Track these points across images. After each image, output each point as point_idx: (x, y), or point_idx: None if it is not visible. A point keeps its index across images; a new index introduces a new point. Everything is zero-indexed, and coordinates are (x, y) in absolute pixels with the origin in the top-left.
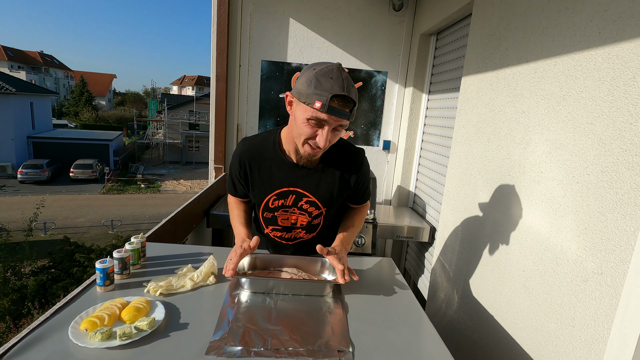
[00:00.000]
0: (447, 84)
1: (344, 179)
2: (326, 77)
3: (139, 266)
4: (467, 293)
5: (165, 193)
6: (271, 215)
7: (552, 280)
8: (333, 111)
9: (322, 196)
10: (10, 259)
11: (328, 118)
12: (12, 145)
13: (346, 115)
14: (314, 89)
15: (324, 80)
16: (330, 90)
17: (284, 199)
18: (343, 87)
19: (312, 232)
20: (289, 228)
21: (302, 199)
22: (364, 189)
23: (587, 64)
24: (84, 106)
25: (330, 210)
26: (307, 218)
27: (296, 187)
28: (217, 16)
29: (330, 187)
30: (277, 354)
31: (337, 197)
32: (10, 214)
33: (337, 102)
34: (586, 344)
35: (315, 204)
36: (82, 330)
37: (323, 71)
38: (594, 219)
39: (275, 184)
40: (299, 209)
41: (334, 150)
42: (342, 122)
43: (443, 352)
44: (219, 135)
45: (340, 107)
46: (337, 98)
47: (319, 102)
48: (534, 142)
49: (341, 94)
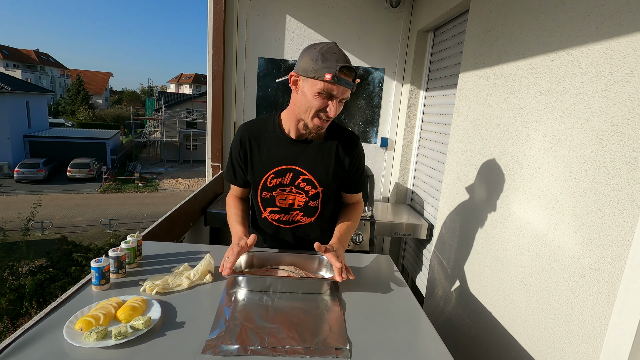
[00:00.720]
0: (444, 81)
1: (339, 157)
2: (330, 53)
3: (135, 265)
4: (464, 290)
5: (163, 192)
6: (269, 195)
7: (549, 276)
8: (341, 81)
9: (318, 174)
10: (8, 258)
11: (337, 88)
12: (9, 145)
13: (351, 85)
14: (322, 64)
15: (328, 56)
16: (336, 62)
17: (281, 177)
18: (345, 59)
19: (310, 216)
20: (286, 210)
21: (299, 177)
22: (358, 175)
23: (584, 59)
24: (80, 105)
25: (326, 192)
26: (304, 198)
27: (294, 164)
28: (214, 13)
29: (327, 164)
30: (274, 352)
31: (333, 177)
32: (7, 214)
33: (344, 73)
34: (584, 339)
35: (312, 182)
36: (77, 329)
37: (325, 48)
38: (591, 214)
39: (273, 161)
40: (296, 187)
41: (330, 130)
42: (347, 93)
43: (441, 349)
44: (216, 133)
45: (347, 77)
46: (344, 69)
47: (329, 74)
48: (532, 138)
49: (345, 65)
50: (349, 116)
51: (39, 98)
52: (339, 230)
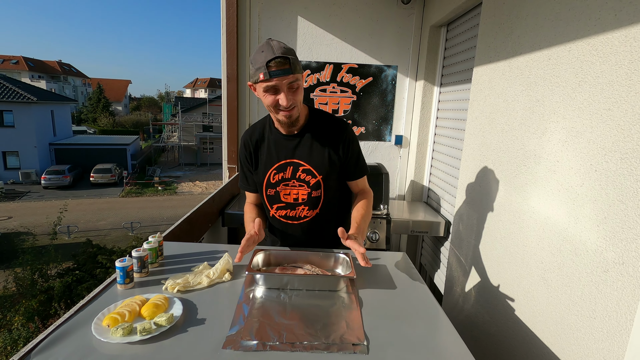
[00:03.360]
0: (458, 76)
1: (331, 144)
2: (258, 53)
3: (157, 264)
4: (484, 287)
5: (182, 195)
6: (274, 191)
7: (571, 271)
8: (274, 74)
9: (315, 163)
10: (37, 261)
11: (275, 82)
12: (35, 153)
13: (287, 71)
14: (253, 67)
15: (257, 56)
16: (264, 60)
17: (283, 172)
18: (273, 51)
19: (315, 208)
20: (292, 205)
21: (299, 169)
22: (354, 159)
23: (603, 48)
24: (101, 112)
25: (326, 181)
26: (307, 189)
27: (292, 158)
28: (226, 17)
29: (321, 153)
30: (292, 347)
31: (330, 164)
32: (35, 219)
33: (274, 65)
34: (608, 335)
35: (311, 171)
36: (105, 326)
37: (255, 51)
38: (613, 207)
39: (274, 158)
40: (297, 180)
41: (319, 122)
42: (290, 79)
43: (460, 346)
44: (232, 135)
45: (278, 68)
46: (272, 62)
47: (261, 74)
48: (550, 131)
49: (272, 57)
50: (362, 115)
51: (62, 107)
52: (355, 220)
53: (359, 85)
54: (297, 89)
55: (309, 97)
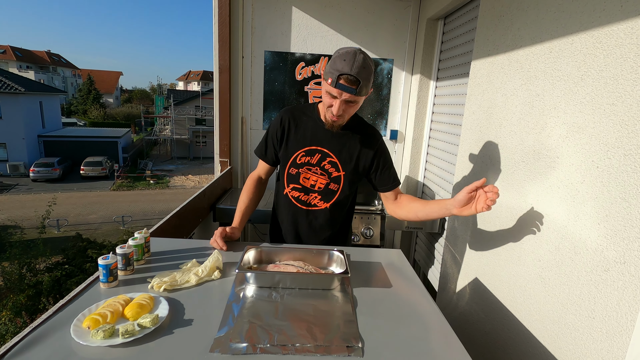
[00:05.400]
0: (455, 70)
1: (363, 149)
2: (340, 59)
3: (143, 262)
4: (479, 284)
5: (174, 188)
6: (296, 172)
7: (570, 270)
8: (340, 87)
9: (343, 158)
10: (25, 255)
11: (337, 92)
12: (24, 145)
13: (352, 90)
14: (329, 68)
15: (338, 62)
16: (340, 70)
17: (310, 156)
18: (352, 67)
19: (327, 201)
20: (307, 190)
21: (325, 159)
22: (387, 167)
23: (607, 40)
24: (92, 104)
25: (347, 178)
26: (326, 180)
27: (323, 146)
28: (219, 6)
29: (352, 151)
30: (284, 350)
31: (355, 164)
32: (24, 212)
33: (345, 80)
34: (608, 336)
35: (336, 165)
36: (85, 328)
37: (340, 53)
38: (615, 205)
39: (306, 141)
40: (321, 168)
41: (358, 125)
42: (350, 97)
43: (456, 346)
44: (224, 128)
45: (346, 84)
46: (344, 76)
47: (330, 78)
48: (550, 126)
49: (347, 73)
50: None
51: (51, 98)
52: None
53: None
54: (354, 105)
55: (304, 90)
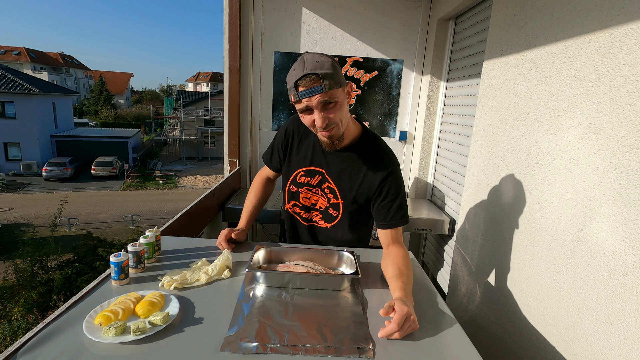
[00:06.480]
0: (466, 70)
1: (369, 177)
2: (291, 72)
3: (153, 260)
4: (490, 287)
5: (183, 188)
6: (296, 190)
7: (585, 274)
8: (304, 94)
9: (342, 186)
10: (37, 253)
11: (307, 102)
12: (37, 144)
13: (317, 89)
14: (289, 87)
15: (290, 76)
16: (293, 79)
17: (310, 177)
18: (303, 69)
19: (328, 222)
20: (308, 208)
21: (324, 183)
22: (390, 200)
23: (626, 39)
24: (103, 105)
25: (347, 207)
26: (326, 203)
27: (322, 169)
28: (229, 7)
29: (354, 180)
30: (294, 350)
31: (357, 195)
32: (36, 210)
33: (303, 84)
34: (626, 342)
35: (335, 192)
36: (97, 324)
37: (290, 69)
38: (634, 208)
39: (307, 161)
40: (321, 190)
41: (367, 148)
42: (322, 97)
43: (469, 349)
44: (233, 128)
45: (307, 87)
46: (300, 81)
47: (292, 95)
48: (565, 127)
49: (300, 76)
50: (366, 109)
51: (64, 99)
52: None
53: (363, 79)
54: (334, 106)
55: None
